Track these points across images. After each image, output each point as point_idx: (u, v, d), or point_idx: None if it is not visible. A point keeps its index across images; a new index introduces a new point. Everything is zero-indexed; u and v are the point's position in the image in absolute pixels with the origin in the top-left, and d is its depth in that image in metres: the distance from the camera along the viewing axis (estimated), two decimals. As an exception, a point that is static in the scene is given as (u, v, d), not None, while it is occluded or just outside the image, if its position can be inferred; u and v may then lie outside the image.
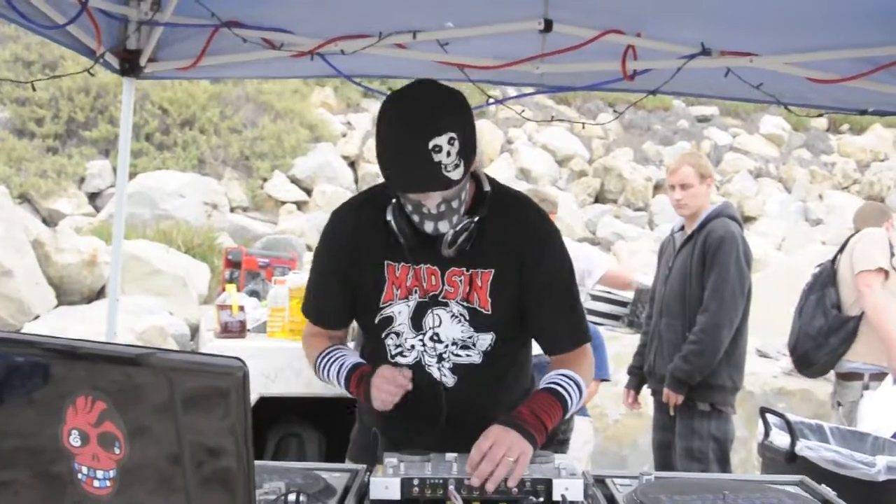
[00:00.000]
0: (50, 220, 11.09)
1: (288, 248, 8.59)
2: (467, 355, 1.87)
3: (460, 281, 1.83)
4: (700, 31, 2.90)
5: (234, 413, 0.99)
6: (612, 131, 16.49)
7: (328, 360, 1.92)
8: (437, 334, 1.85)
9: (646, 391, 3.87)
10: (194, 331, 6.85)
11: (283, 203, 13.15)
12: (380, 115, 1.73)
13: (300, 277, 3.87)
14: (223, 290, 4.20)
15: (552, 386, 1.77)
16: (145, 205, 11.08)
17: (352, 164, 14.42)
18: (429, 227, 1.75)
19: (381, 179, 1.83)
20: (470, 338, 1.85)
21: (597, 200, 15.13)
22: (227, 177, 13.19)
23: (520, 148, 15.25)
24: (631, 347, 4.10)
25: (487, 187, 1.84)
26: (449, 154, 1.64)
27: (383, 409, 1.79)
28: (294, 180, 13.52)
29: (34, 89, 12.14)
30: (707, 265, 3.48)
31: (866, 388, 3.77)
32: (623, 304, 5.80)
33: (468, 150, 1.69)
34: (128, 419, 1.02)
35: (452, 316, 1.84)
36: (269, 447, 3.74)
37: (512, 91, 3.74)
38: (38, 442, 1.11)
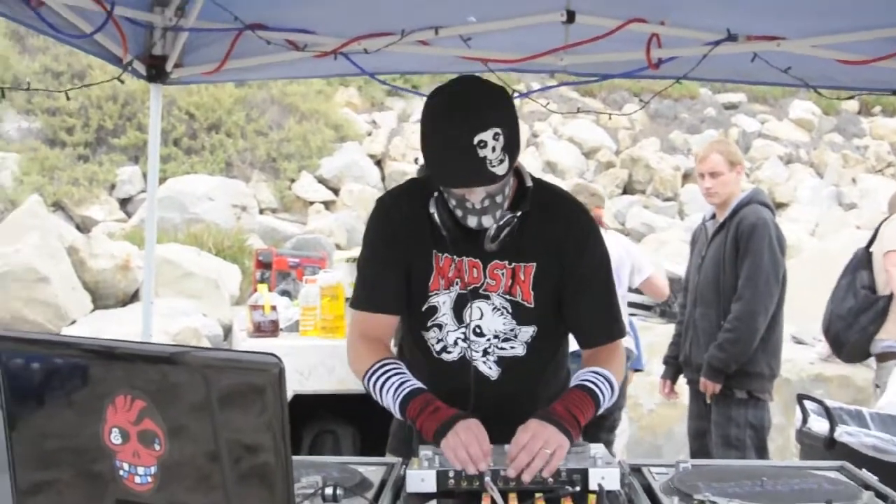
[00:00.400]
0: (83, 227, 11.26)
1: (318, 247, 8.63)
2: (511, 347, 1.89)
3: (503, 274, 1.85)
4: (725, 17, 2.86)
5: (271, 409, 1.00)
6: (639, 121, 16.35)
7: (381, 377, 1.80)
8: (479, 327, 1.87)
9: (681, 380, 3.85)
10: (227, 331, 6.92)
11: (312, 203, 13.23)
12: (424, 110, 1.74)
13: (331, 276, 3.89)
14: (255, 290, 4.23)
15: (585, 383, 1.79)
16: (175, 209, 11.20)
17: (378, 163, 14.46)
18: (472, 221, 1.77)
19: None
20: (512, 330, 1.88)
21: (625, 192, 15.02)
22: (254, 179, 13.30)
23: (546, 141, 15.18)
24: (664, 337, 4.08)
25: (529, 183, 1.86)
26: (494, 149, 1.66)
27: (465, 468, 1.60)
28: (321, 180, 13.60)
29: (68, 98, 12.33)
30: (740, 253, 3.45)
31: None
32: (655, 294, 5.76)
33: (512, 145, 1.70)
34: (167, 416, 1.04)
35: (494, 309, 1.87)
36: (304, 444, 3.78)
37: (536, 84, 3.73)
38: (79, 442, 1.13)
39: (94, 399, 1.10)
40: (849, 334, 3.92)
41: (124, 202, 12.54)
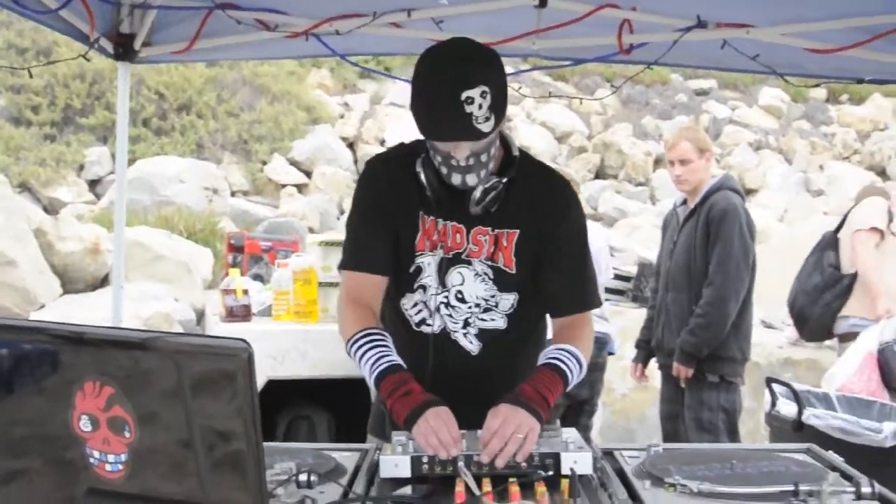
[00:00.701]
0: (51, 209, 11.07)
1: (290, 230, 8.57)
2: (491, 319, 1.90)
3: (485, 240, 1.87)
4: (695, 4, 2.88)
5: (242, 394, 0.99)
6: (611, 107, 16.40)
7: (363, 347, 1.80)
8: (460, 293, 1.88)
9: (652, 364, 3.88)
10: (200, 316, 6.86)
11: (284, 186, 13.12)
12: (416, 67, 1.77)
13: (303, 260, 3.87)
14: (227, 274, 4.20)
15: (553, 361, 1.80)
16: (145, 191, 11.05)
17: (350, 146, 14.35)
18: (457, 179, 1.79)
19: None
20: (493, 297, 1.89)
21: (597, 176, 15.07)
22: (226, 161, 13.15)
23: (519, 126, 15.17)
24: (635, 322, 4.11)
25: (516, 152, 1.90)
26: (481, 107, 1.68)
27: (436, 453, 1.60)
28: (293, 163, 13.48)
29: (31, 76, 12.07)
30: (711, 238, 3.48)
31: None
32: (627, 278, 5.82)
33: (499, 105, 1.72)
34: (136, 403, 1.03)
35: (476, 275, 1.88)
36: (279, 430, 3.77)
37: (510, 69, 3.70)
38: (49, 429, 1.11)
39: (62, 385, 1.08)
40: (813, 310, 4.01)
41: (93, 183, 12.33)
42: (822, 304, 3.98)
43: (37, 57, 12.33)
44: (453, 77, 1.70)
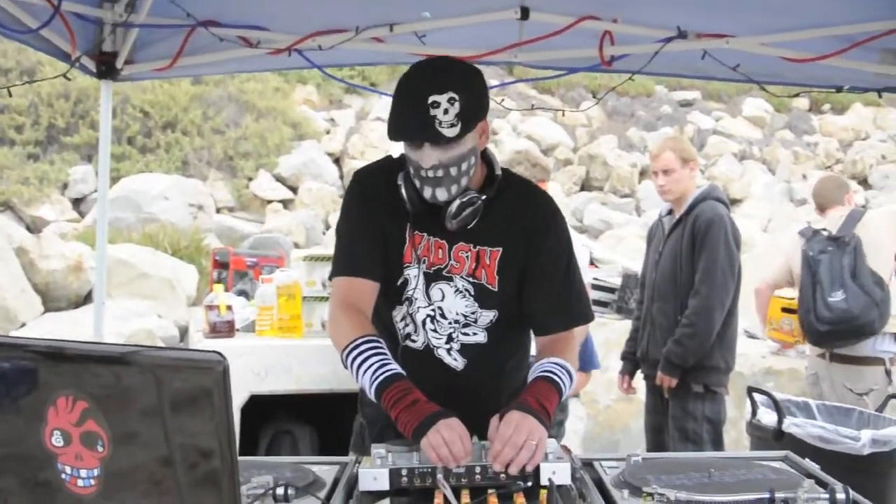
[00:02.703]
0: (34, 228, 11.01)
1: (276, 246, 8.57)
2: (473, 333, 1.91)
3: (467, 257, 1.88)
4: (675, 15, 2.91)
5: (217, 407, 0.99)
6: (596, 119, 16.50)
7: (363, 353, 1.76)
8: (441, 308, 1.89)
9: (638, 375, 3.88)
10: (183, 333, 6.83)
11: (269, 202, 13.10)
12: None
13: (287, 275, 3.86)
14: (211, 290, 4.19)
15: (548, 374, 1.80)
16: (130, 209, 11.01)
17: (336, 161, 14.36)
18: (427, 192, 1.80)
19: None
20: (473, 313, 1.90)
21: (583, 188, 15.14)
22: (211, 178, 13.13)
23: (504, 139, 15.22)
24: (620, 333, 4.11)
25: (499, 171, 1.91)
26: (447, 112, 1.71)
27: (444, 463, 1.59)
28: (279, 179, 13.47)
29: (10, 94, 12.01)
30: (697, 248, 3.49)
31: (889, 374, 3.75)
32: (611, 290, 5.82)
33: (469, 115, 1.74)
34: (109, 417, 1.02)
35: (456, 291, 1.89)
36: (261, 445, 3.75)
37: (495, 82, 3.75)
38: (23, 448, 1.10)
39: (36, 402, 1.07)
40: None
41: (77, 202, 12.28)
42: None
43: (20, 77, 12.30)
44: (423, 81, 1.76)
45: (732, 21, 2.93)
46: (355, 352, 1.77)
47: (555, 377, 1.79)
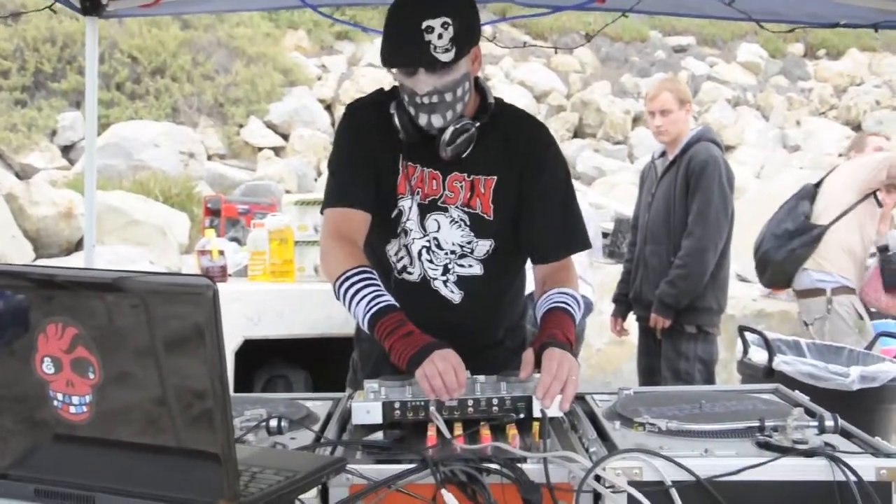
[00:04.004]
0: (23, 175, 10.89)
1: (267, 193, 8.51)
2: (469, 265, 1.90)
3: (461, 186, 1.87)
4: (672, -51, 2.85)
5: (208, 332, 0.97)
6: (590, 65, 16.32)
7: (356, 284, 1.73)
8: (437, 239, 1.88)
9: (630, 318, 3.90)
10: (176, 279, 6.83)
11: (261, 149, 12.99)
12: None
13: (279, 219, 3.84)
14: (203, 236, 4.17)
15: (563, 305, 1.81)
16: (120, 156, 10.91)
17: (328, 108, 14.22)
18: (423, 119, 1.78)
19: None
20: (469, 243, 1.89)
21: (576, 135, 15.04)
22: (202, 124, 12.99)
23: (497, 85, 15.06)
24: (612, 277, 4.12)
25: (492, 99, 1.89)
26: (441, 37, 1.69)
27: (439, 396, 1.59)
28: (270, 125, 13.34)
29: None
30: (690, 189, 3.48)
31: (830, 302, 3.83)
32: (604, 234, 5.82)
33: (463, 39, 1.72)
34: (100, 342, 1.02)
35: (452, 221, 1.88)
36: (256, 389, 3.77)
37: (484, 19, 3.65)
38: (14, 376, 1.09)
39: (26, 329, 1.06)
40: (778, 253, 4.01)
41: (67, 149, 12.15)
42: (787, 249, 3.98)
43: (4, 20, 12.06)
44: (416, 6, 1.72)
45: (729, -44, 2.87)
46: (348, 283, 1.74)
47: (569, 308, 1.80)
